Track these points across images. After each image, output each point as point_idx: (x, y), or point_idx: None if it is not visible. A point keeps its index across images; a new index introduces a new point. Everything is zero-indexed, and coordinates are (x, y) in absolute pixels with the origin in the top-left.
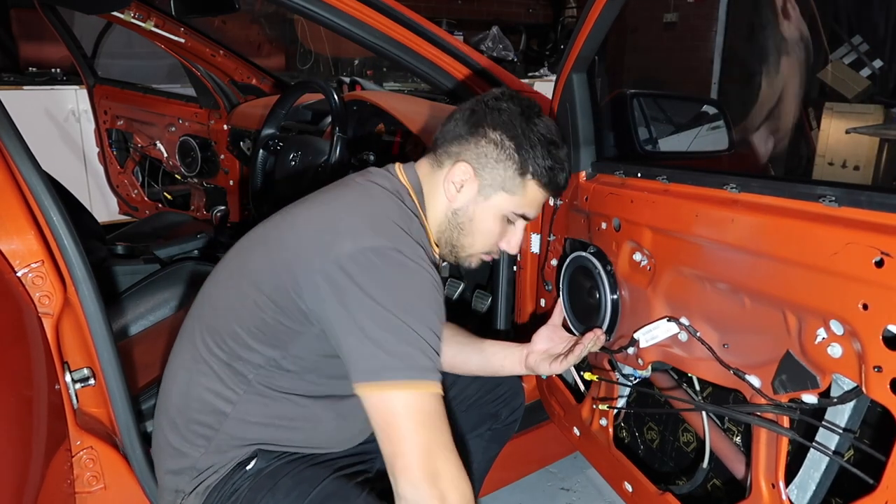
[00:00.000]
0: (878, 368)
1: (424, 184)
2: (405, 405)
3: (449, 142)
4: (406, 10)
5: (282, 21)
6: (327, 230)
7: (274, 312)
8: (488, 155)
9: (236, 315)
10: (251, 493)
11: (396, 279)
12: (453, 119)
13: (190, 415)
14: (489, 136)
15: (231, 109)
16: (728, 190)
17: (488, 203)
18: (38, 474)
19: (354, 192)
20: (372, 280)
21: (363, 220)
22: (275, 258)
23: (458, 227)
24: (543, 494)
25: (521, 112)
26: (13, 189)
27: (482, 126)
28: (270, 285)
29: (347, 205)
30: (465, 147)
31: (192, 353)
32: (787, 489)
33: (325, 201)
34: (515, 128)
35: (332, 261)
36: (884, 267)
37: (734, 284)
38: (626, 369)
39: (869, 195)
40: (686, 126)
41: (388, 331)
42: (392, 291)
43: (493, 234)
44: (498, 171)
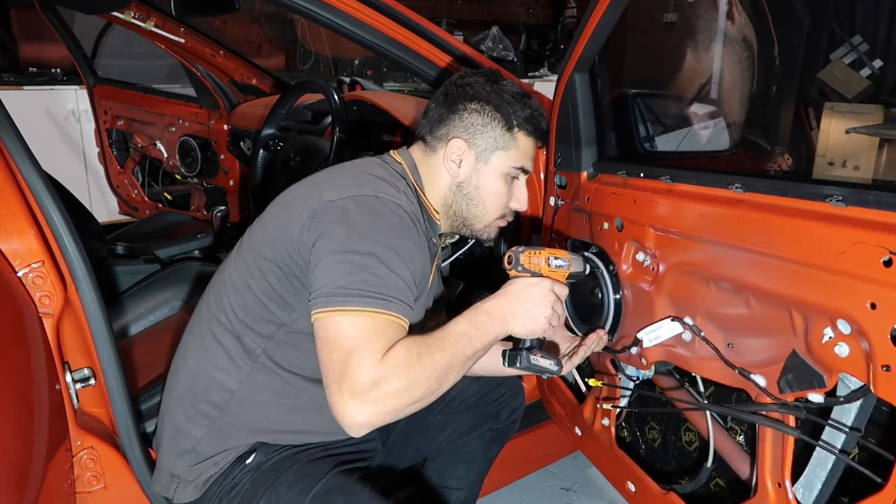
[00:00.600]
0: (887, 367)
1: (420, 167)
2: (339, 329)
3: (434, 127)
4: (406, 10)
5: (282, 21)
6: (314, 188)
7: (277, 275)
8: (474, 123)
9: (244, 286)
10: (252, 488)
11: (368, 219)
12: (431, 108)
13: (197, 393)
14: (469, 108)
15: (231, 109)
16: (733, 190)
17: (489, 166)
18: (39, 474)
19: (343, 165)
20: (347, 222)
21: (348, 177)
22: (269, 224)
23: (467, 198)
24: (543, 494)
25: (487, 79)
26: (14, 189)
27: (459, 102)
28: (269, 248)
29: (335, 170)
30: (451, 125)
31: (201, 336)
32: (794, 488)
33: (313, 175)
34: (489, 93)
35: (315, 208)
36: (892, 266)
37: (739, 284)
38: (629, 369)
39: (876, 195)
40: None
41: (353, 267)
42: (365, 234)
43: (501, 195)
44: (487, 134)
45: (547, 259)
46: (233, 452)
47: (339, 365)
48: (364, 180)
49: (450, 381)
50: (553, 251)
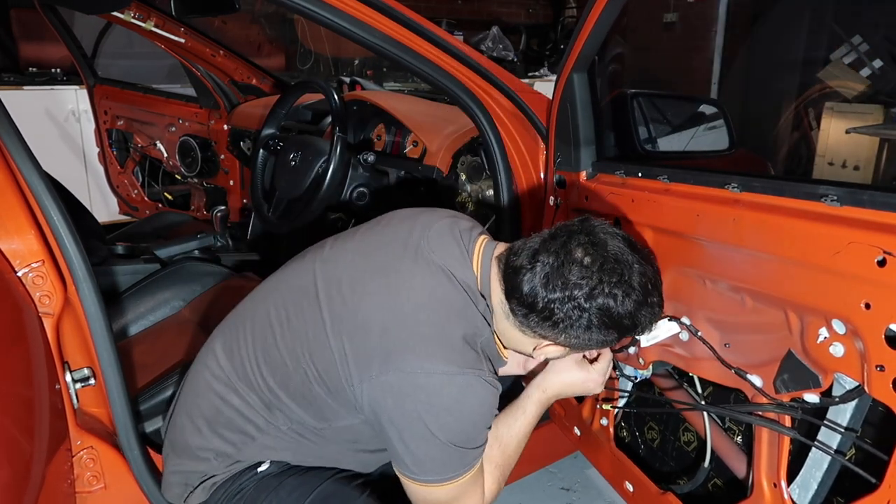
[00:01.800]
0: (881, 367)
1: (496, 315)
2: (445, 495)
3: (535, 325)
4: (406, 10)
5: (282, 21)
6: (395, 336)
7: (323, 391)
8: (581, 340)
9: (287, 375)
10: (255, 493)
11: (455, 409)
12: (536, 301)
13: (216, 427)
14: (595, 326)
15: (231, 109)
16: (730, 189)
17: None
18: (39, 474)
19: (429, 288)
20: (429, 404)
21: (432, 335)
22: (336, 341)
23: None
24: (543, 494)
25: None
26: (14, 189)
27: (574, 328)
28: (325, 364)
29: (419, 307)
30: (558, 334)
31: (235, 370)
32: (789, 488)
33: (396, 288)
34: (622, 321)
35: (393, 373)
36: (886, 266)
37: (735, 284)
38: (627, 369)
39: (871, 194)
40: (686, 126)
41: (437, 449)
42: (447, 420)
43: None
44: (592, 345)
45: None
46: (245, 464)
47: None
48: (446, 340)
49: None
50: None
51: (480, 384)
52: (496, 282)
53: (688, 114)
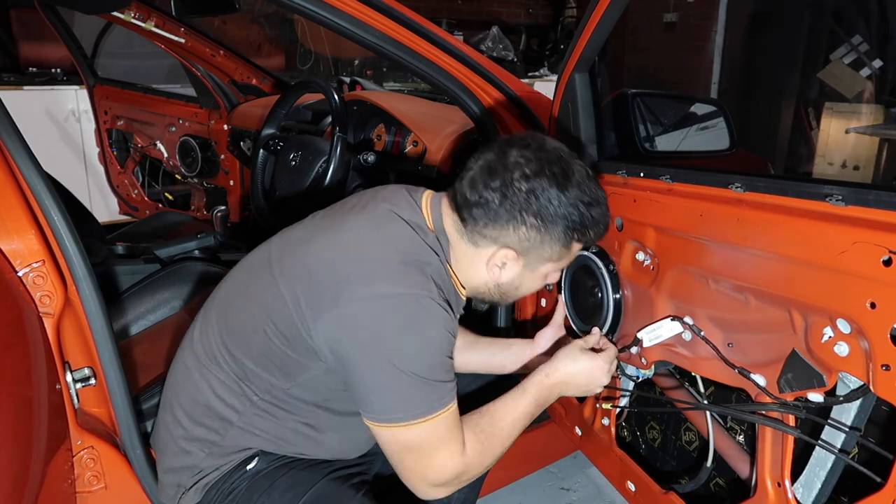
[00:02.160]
0: (886, 367)
1: (454, 248)
2: (416, 438)
3: (483, 223)
4: (406, 10)
5: (282, 21)
6: (341, 270)
7: (283, 344)
8: (531, 239)
9: (247, 340)
10: (248, 493)
11: (406, 329)
12: (482, 195)
13: (197, 417)
14: (528, 223)
15: (231, 109)
16: (733, 189)
17: (535, 273)
18: (39, 474)
19: (374, 225)
20: (381, 330)
21: (378, 261)
22: (288, 290)
23: (503, 294)
24: (543, 494)
25: (556, 185)
26: (14, 189)
27: (521, 213)
28: (281, 317)
29: (364, 240)
30: (504, 233)
31: (201, 359)
32: (793, 487)
33: (342, 230)
34: (556, 209)
35: (343, 305)
36: (892, 266)
37: (739, 284)
38: (629, 369)
39: (876, 194)
40: (687, 125)
41: (396, 380)
42: (401, 343)
43: (537, 288)
44: (544, 250)
45: None
46: (235, 459)
47: (420, 467)
48: (393, 265)
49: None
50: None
51: (430, 303)
52: (447, 208)
53: (688, 113)
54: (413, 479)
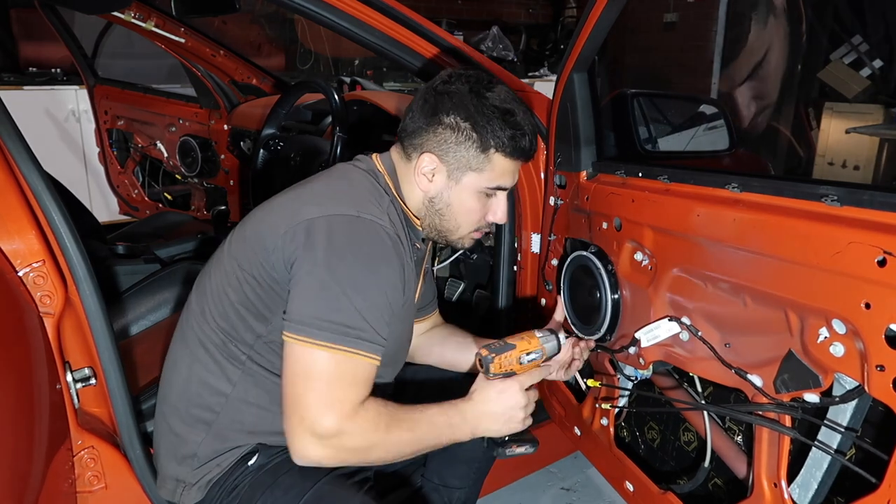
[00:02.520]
0: (881, 367)
1: (397, 171)
2: (310, 363)
3: (410, 134)
4: (406, 10)
5: (282, 21)
6: (296, 200)
7: (253, 286)
8: (448, 140)
9: (224, 295)
10: (251, 490)
11: (352, 247)
12: (411, 111)
13: (191, 399)
14: (444, 122)
15: (231, 109)
16: (730, 189)
17: (460, 185)
18: (40, 473)
19: (326, 174)
20: (328, 244)
21: (330, 191)
22: (248, 234)
23: (438, 213)
24: (543, 494)
25: (470, 89)
26: (14, 189)
27: (437, 114)
28: (247, 259)
29: (318, 182)
30: (426, 137)
31: (191, 340)
32: (789, 488)
33: (299, 184)
34: (468, 107)
35: (295, 224)
36: (886, 266)
37: (736, 284)
38: (627, 369)
39: (871, 194)
40: (686, 126)
41: (331, 295)
42: (345, 260)
43: (474, 212)
44: (461, 153)
45: (518, 358)
46: (235, 453)
47: (306, 401)
48: (347, 196)
49: (404, 457)
50: (524, 345)
51: (384, 237)
52: (395, 146)
53: (688, 113)
54: (293, 416)
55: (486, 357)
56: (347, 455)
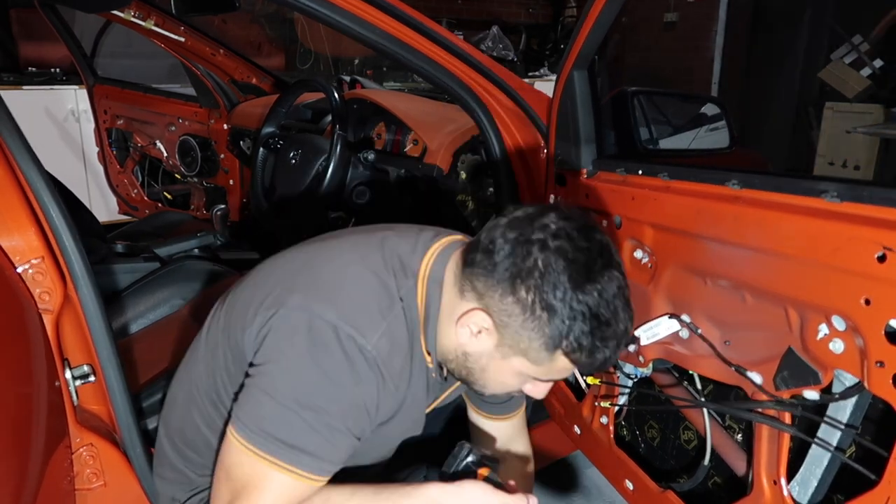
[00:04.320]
0: (881, 363)
1: (445, 289)
2: (237, 465)
3: (478, 271)
4: (407, 8)
5: (282, 20)
6: (287, 281)
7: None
8: (514, 315)
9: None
10: None
11: (318, 360)
12: (493, 240)
13: (186, 439)
14: (520, 296)
15: (231, 109)
16: (730, 186)
17: (506, 362)
18: (38, 471)
19: (351, 247)
20: (294, 348)
21: (326, 284)
22: (237, 304)
23: (469, 369)
24: (543, 494)
25: (573, 276)
26: (14, 186)
27: (515, 279)
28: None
29: (332, 253)
30: (491, 293)
31: (191, 381)
32: (789, 486)
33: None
34: (558, 299)
35: (271, 312)
36: (886, 262)
37: (736, 281)
38: (627, 367)
39: (871, 190)
40: (686, 124)
41: (284, 405)
42: (306, 370)
43: (510, 387)
44: (522, 338)
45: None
46: None
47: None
48: (342, 293)
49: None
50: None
51: (354, 347)
52: (458, 253)
53: (688, 112)
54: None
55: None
56: None
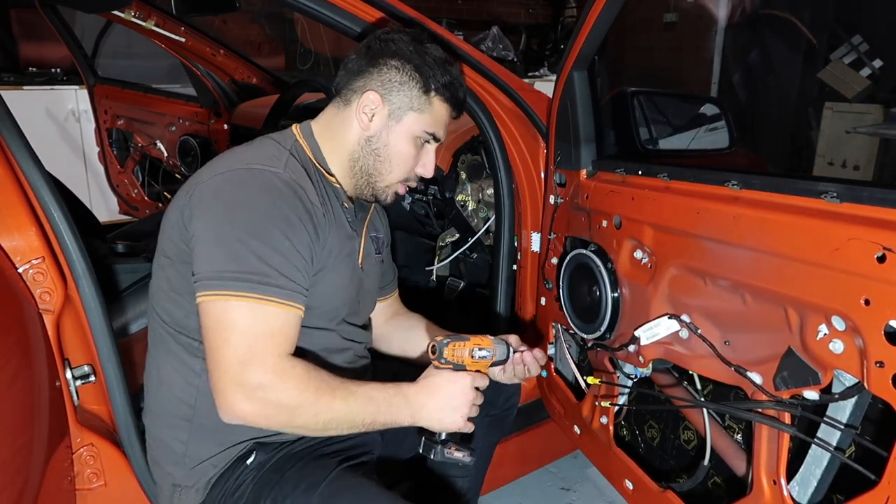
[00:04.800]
0: (881, 364)
1: (327, 125)
2: (221, 316)
3: (351, 79)
4: (407, 8)
5: (282, 20)
6: (195, 175)
7: (174, 267)
8: (392, 80)
9: (159, 290)
10: (257, 488)
11: (239, 195)
12: (351, 60)
13: (167, 399)
14: (389, 64)
15: (231, 109)
16: (729, 187)
17: (400, 125)
18: (39, 470)
19: (236, 148)
20: (216, 197)
21: (227, 157)
22: (164, 222)
23: (374, 153)
24: (543, 494)
25: (412, 39)
26: (15, 186)
27: (381, 56)
28: (166, 244)
29: (222, 155)
30: (369, 78)
31: (155, 346)
32: (789, 486)
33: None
34: (411, 52)
35: (191, 191)
36: (886, 262)
37: (735, 281)
38: (627, 367)
39: (871, 191)
40: (686, 124)
41: (227, 245)
42: (235, 208)
43: (408, 157)
44: (404, 93)
45: (471, 351)
46: (230, 453)
47: (226, 355)
48: (241, 157)
49: (335, 431)
50: (478, 340)
51: (267, 174)
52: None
53: (688, 112)
54: (215, 372)
55: (440, 342)
56: (273, 411)
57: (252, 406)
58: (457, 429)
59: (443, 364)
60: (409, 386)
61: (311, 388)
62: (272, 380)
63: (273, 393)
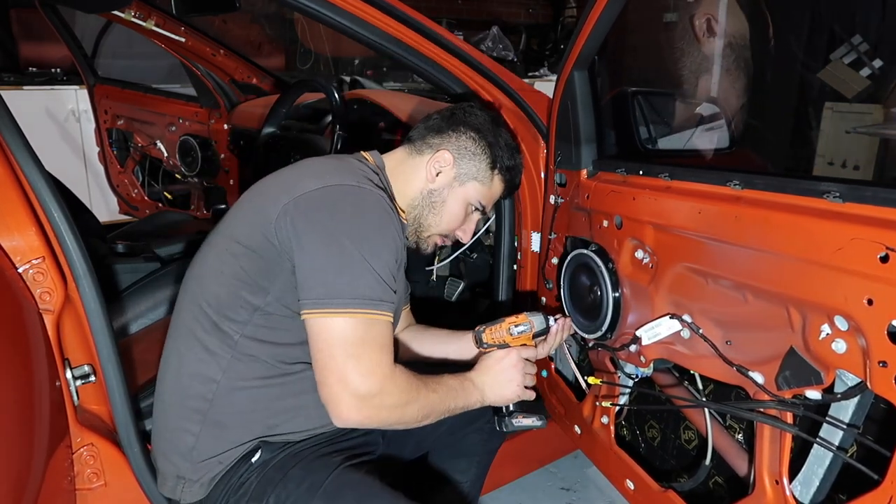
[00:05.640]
0: (883, 363)
1: (397, 167)
2: (340, 332)
3: (430, 134)
4: (407, 9)
5: (282, 21)
6: (294, 176)
7: (251, 258)
8: (467, 147)
9: (216, 274)
10: (260, 486)
11: (354, 212)
12: (434, 118)
13: (184, 390)
14: (468, 133)
15: (231, 109)
16: (731, 187)
17: (461, 189)
18: (39, 471)
19: (316, 158)
20: (334, 213)
21: (328, 169)
22: (247, 209)
23: (431, 205)
24: (543, 494)
25: (491, 119)
26: (15, 186)
27: (463, 125)
28: (244, 232)
29: (314, 162)
30: (447, 139)
31: (181, 334)
32: (791, 485)
33: (290, 166)
34: (488, 130)
35: (297, 196)
36: (889, 262)
37: (737, 281)
38: (628, 367)
39: (874, 191)
40: (687, 124)
41: (348, 263)
42: (354, 226)
43: (457, 219)
44: (473, 163)
45: (508, 329)
46: (236, 451)
47: (346, 367)
48: (343, 172)
49: (429, 420)
50: (512, 319)
51: (380, 198)
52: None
53: (688, 112)
54: (333, 383)
55: (478, 331)
56: (387, 413)
57: (369, 412)
58: (517, 398)
59: (486, 349)
60: (470, 372)
61: (412, 388)
62: (387, 387)
63: (388, 398)
